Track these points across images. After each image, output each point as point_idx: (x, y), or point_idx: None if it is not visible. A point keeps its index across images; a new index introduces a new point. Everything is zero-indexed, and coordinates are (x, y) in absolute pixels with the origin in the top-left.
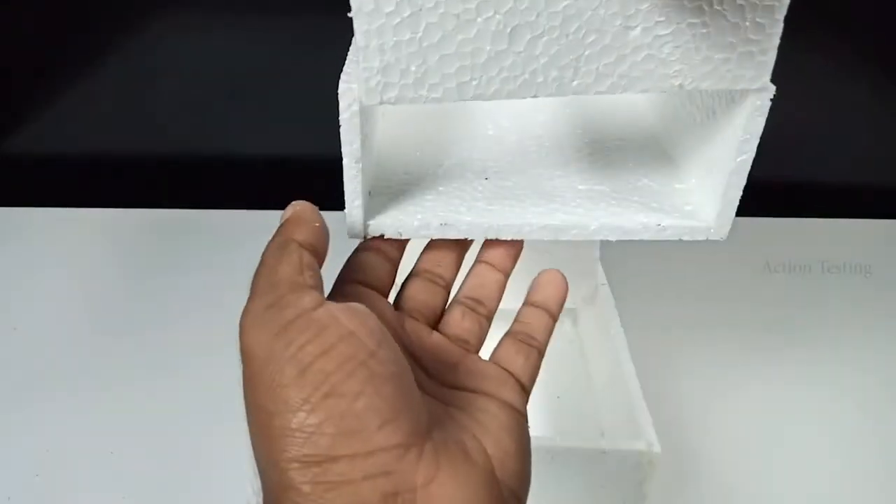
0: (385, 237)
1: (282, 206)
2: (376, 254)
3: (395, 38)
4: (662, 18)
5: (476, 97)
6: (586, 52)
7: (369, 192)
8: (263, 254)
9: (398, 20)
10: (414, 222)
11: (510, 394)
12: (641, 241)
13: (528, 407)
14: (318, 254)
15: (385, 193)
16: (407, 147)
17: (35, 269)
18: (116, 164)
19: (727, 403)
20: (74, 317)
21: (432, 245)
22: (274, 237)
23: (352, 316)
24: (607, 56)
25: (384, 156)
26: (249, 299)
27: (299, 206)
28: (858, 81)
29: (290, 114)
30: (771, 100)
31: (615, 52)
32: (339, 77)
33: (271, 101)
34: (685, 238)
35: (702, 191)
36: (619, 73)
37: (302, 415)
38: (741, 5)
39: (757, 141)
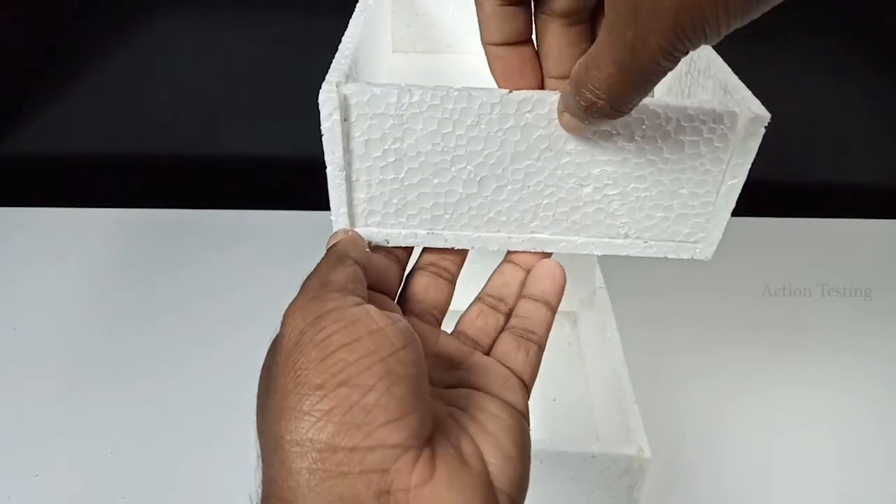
0: (372, 244)
1: (281, 206)
2: (385, 255)
3: (380, 177)
4: (610, 182)
5: (447, 228)
6: (544, 202)
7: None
8: (319, 263)
9: (384, 163)
10: (402, 230)
11: (511, 393)
12: None
13: None
14: (367, 273)
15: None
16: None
17: (35, 269)
18: (116, 164)
19: (721, 409)
20: (74, 317)
21: None
22: (330, 251)
23: (385, 316)
24: (562, 206)
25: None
26: (298, 295)
27: (352, 231)
28: (859, 81)
29: (291, 114)
30: (765, 127)
31: (569, 203)
32: None
33: (271, 101)
34: (670, 256)
35: None
36: (572, 220)
37: (315, 398)
38: (678, 178)
39: (748, 166)
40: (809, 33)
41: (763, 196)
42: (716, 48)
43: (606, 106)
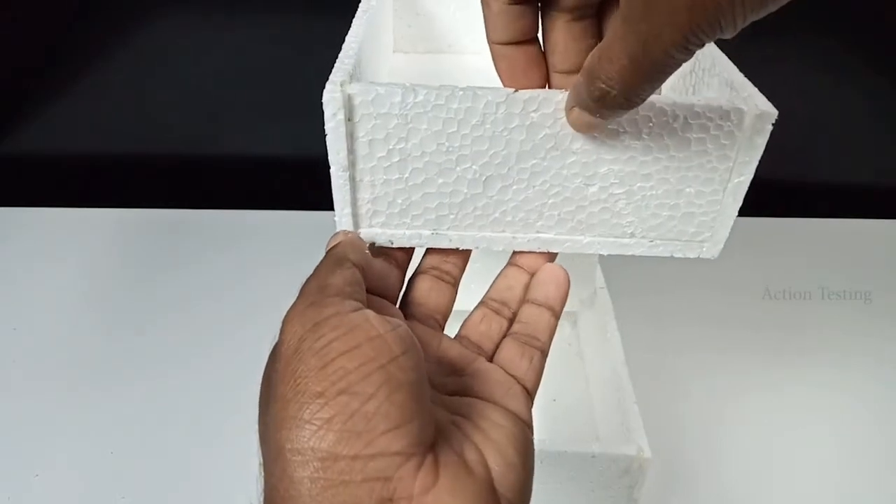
0: (375, 245)
1: (281, 206)
2: (385, 259)
3: (384, 177)
4: (616, 181)
5: (451, 228)
6: (550, 201)
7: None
8: (317, 266)
9: (388, 164)
10: (406, 231)
11: (515, 402)
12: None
13: None
14: (366, 276)
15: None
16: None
17: (35, 269)
18: (116, 164)
19: (721, 409)
20: (74, 317)
21: None
22: (329, 254)
23: (384, 321)
24: (568, 205)
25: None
26: (296, 300)
27: (351, 234)
28: (859, 81)
29: (291, 114)
30: (773, 124)
31: (575, 203)
32: None
33: (271, 101)
34: (676, 255)
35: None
36: (578, 219)
37: (315, 406)
38: (684, 176)
39: (755, 164)
40: (810, 33)
41: (763, 196)
42: (717, 47)
43: (619, 97)
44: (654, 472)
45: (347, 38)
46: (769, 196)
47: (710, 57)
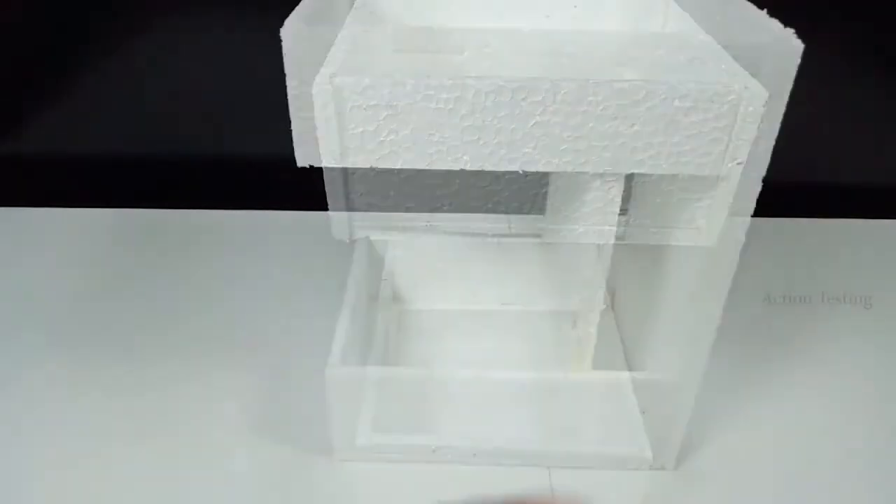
0: (371, 238)
1: (281, 206)
2: None
3: (376, 169)
4: (609, 167)
5: (446, 219)
6: (543, 190)
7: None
8: None
9: (380, 155)
10: (400, 223)
11: None
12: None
13: (526, 412)
14: None
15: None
16: None
17: (35, 269)
18: (116, 164)
19: (723, 410)
20: (74, 317)
21: None
22: None
23: None
24: (561, 194)
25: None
26: None
27: None
28: (859, 81)
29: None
30: (764, 106)
31: (568, 191)
32: None
33: (271, 101)
34: (672, 242)
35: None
36: (573, 207)
37: None
38: (677, 161)
39: (749, 147)
40: (809, 32)
41: (763, 196)
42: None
43: None
44: (654, 472)
45: (340, 33)
46: (769, 196)
47: (706, 48)
